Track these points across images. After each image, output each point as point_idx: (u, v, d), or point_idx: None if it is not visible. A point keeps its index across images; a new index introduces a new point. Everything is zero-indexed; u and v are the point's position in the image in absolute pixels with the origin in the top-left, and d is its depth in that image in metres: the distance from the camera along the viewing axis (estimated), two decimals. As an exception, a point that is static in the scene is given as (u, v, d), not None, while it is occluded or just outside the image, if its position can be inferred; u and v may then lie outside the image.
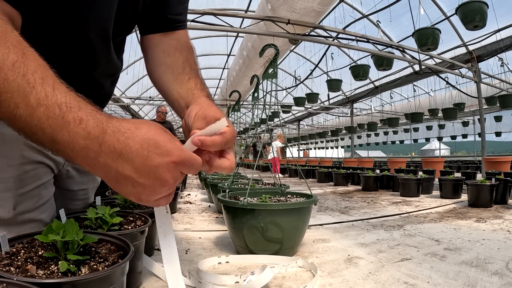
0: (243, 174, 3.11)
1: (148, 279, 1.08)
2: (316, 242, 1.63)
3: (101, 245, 0.76)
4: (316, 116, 16.66)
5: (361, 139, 24.28)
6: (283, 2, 3.93)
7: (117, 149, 0.49)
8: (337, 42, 5.12)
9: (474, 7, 3.82)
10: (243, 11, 6.52)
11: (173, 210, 2.48)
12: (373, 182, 4.29)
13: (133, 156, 0.50)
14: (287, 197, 1.63)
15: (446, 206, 2.88)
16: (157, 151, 0.51)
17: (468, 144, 26.33)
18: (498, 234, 1.80)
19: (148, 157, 0.50)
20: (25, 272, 0.59)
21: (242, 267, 1.22)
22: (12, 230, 0.81)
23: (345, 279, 1.11)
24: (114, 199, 1.30)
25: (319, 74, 9.19)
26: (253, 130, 5.48)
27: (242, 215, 1.31)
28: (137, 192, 0.53)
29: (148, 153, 0.50)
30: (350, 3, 6.61)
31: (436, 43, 4.52)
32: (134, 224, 1.01)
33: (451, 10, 5.57)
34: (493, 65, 7.11)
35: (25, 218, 0.84)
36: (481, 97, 5.69)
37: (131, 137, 0.50)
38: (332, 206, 2.89)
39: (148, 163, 0.50)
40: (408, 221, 2.21)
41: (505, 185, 2.93)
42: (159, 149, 0.51)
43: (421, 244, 1.58)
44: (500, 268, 1.22)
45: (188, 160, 0.54)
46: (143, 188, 0.52)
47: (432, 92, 11.33)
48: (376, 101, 12.90)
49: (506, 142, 20.61)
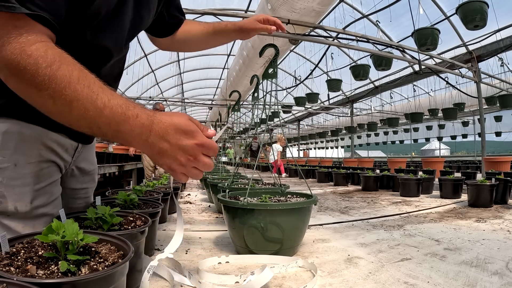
0: (243, 174, 3.11)
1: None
2: (316, 242, 1.63)
3: (101, 245, 0.76)
4: (316, 116, 16.65)
5: (361, 139, 24.28)
6: (283, 2, 3.93)
7: (160, 133, 0.69)
8: (337, 42, 5.12)
9: (475, 6, 3.81)
10: (243, 11, 6.52)
11: (172, 211, 2.48)
12: (373, 182, 4.29)
13: (169, 138, 0.69)
14: (287, 197, 1.63)
15: (446, 206, 2.88)
16: (186, 135, 0.70)
17: (468, 144, 26.33)
18: (498, 234, 1.80)
19: (179, 139, 0.70)
20: (25, 272, 0.59)
21: (242, 267, 1.22)
22: (28, 224, 0.90)
23: (345, 279, 1.11)
24: (114, 199, 1.30)
25: (319, 74, 9.18)
26: (253, 130, 5.49)
27: (242, 215, 1.31)
28: (170, 162, 0.71)
29: (180, 136, 0.70)
30: (350, 3, 6.62)
31: (436, 43, 4.52)
32: (134, 224, 1.01)
33: (451, 10, 5.58)
34: (493, 65, 7.11)
35: (39, 213, 0.92)
36: (481, 97, 5.68)
37: (168, 125, 0.69)
38: (332, 206, 2.89)
39: (179, 143, 0.70)
40: (408, 221, 2.21)
41: (505, 185, 2.93)
42: (187, 134, 0.70)
43: (421, 244, 1.58)
44: (500, 268, 1.22)
45: (207, 143, 0.72)
46: (174, 160, 0.71)
47: (432, 92, 11.33)
48: (376, 101, 12.91)
49: (506, 142, 20.60)
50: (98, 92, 0.67)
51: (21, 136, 0.87)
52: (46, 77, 0.64)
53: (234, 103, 2.98)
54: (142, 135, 0.69)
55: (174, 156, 0.70)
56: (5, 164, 0.85)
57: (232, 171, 3.98)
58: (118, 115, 0.67)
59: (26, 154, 0.88)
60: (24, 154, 0.88)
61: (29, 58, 0.64)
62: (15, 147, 0.86)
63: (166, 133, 0.69)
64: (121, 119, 0.67)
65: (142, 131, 0.69)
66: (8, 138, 0.85)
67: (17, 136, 0.86)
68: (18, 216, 0.88)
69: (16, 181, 0.87)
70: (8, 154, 0.85)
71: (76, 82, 0.65)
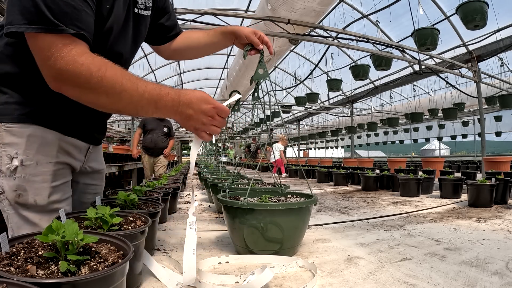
0: (243, 174, 3.11)
1: (148, 279, 1.08)
2: (316, 242, 1.63)
3: (101, 245, 0.76)
4: (316, 116, 16.65)
5: (361, 139, 24.27)
6: (283, 2, 3.93)
7: (186, 103, 0.92)
8: (337, 42, 5.12)
9: (475, 6, 3.81)
10: (243, 11, 6.52)
11: (172, 211, 2.48)
12: (373, 182, 4.29)
13: (193, 105, 0.93)
14: (287, 197, 1.63)
15: (446, 206, 2.88)
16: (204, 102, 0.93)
17: (468, 144, 26.31)
18: (498, 234, 1.80)
19: (201, 105, 0.93)
20: (25, 272, 0.59)
21: (242, 267, 1.22)
22: (44, 216, 1.04)
23: (345, 279, 1.11)
24: (114, 199, 1.30)
25: (319, 74, 9.18)
26: (253, 130, 5.46)
27: (242, 215, 1.31)
28: (195, 124, 0.94)
29: (201, 103, 0.93)
30: (350, 3, 6.62)
31: (435, 43, 4.51)
32: (134, 224, 1.01)
33: (451, 10, 5.58)
34: (493, 65, 7.12)
35: (54, 207, 1.05)
36: (481, 97, 5.68)
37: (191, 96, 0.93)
38: (332, 206, 2.89)
39: (201, 107, 0.93)
40: (408, 221, 2.21)
41: (505, 185, 2.93)
42: (206, 100, 0.93)
43: (421, 244, 1.58)
44: (500, 268, 1.22)
45: (220, 106, 0.95)
46: (197, 121, 0.94)
47: (432, 92, 11.33)
48: (376, 101, 12.90)
49: (506, 142, 20.60)
50: (137, 82, 0.89)
51: (43, 140, 1.02)
52: (99, 78, 0.83)
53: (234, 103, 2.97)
54: (174, 107, 0.92)
55: (197, 118, 0.94)
56: (28, 162, 0.99)
57: (232, 171, 3.98)
58: (154, 95, 0.90)
59: (46, 155, 1.03)
60: (44, 154, 1.02)
61: (82, 66, 0.82)
62: (37, 149, 1.01)
63: (191, 102, 0.93)
64: (157, 98, 0.90)
65: (173, 103, 0.92)
66: (31, 140, 1.00)
67: (39, 139, 1.01)
68: (36, 209, 1.01)
69: (37, 178, 1.01)
70: (31, 154, 1.00)
71: (121, 78, 0.86)
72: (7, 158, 0.98)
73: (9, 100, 0.98)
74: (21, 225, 1.01)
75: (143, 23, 1.19)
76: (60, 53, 0.81)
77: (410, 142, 20.07)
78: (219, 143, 7.63)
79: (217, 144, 7.13)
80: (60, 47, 0.81)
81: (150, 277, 1.10)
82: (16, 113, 0.99)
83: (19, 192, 0.99)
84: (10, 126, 0.98)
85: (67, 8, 0.81)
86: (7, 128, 0.98)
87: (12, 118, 0.98)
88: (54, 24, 0.80)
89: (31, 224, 1.01)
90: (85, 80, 0.82)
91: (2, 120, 0.98)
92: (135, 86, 0.87)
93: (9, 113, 0.98)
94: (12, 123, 0.98)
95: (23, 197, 0.99)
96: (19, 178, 0.98)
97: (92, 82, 0.83)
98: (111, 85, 0.85)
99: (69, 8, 0.82)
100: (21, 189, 0.99)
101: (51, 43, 0.81)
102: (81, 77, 0.82)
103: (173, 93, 0.92)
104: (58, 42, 0.81)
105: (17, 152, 0.98)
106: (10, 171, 0.98)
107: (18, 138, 0.99)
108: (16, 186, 0.98)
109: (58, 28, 0.80)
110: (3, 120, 0.98)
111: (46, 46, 0.81)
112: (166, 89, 0.92)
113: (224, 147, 12.55)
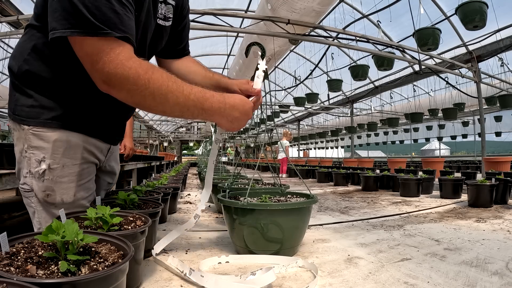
0: (243, 174, 3.10)
1: (148, 279, 1.08)
2: (316, 242, 1.63)
3: (101, 245, 0.76)
4: (316, 116, 16.63)
5: (361, 139, 24.24)
6: (283, 2, 3.93)
7: (231, 105, 1.02)
8: (337, 42, 5.12)
9: (474, 7, 3.81)
10: (243, 11, 6.51)
11: (172, 211, 2.48)
12: (373, 182, 4.29)
13: (238, 107, 1.03)
14: (287, 197, 1.63)
15: (446, 206, 2.88)
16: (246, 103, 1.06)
17: (468, 144, 26.30)
18: (498, 234, 1.80)
19: (243, 106, 1.05)
20: (25, 272, 0.59)
21: (242, 267, 1.22)
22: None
23: (345, 279, 1.11)
24: (114, 199, 1.30)
25: (319, 74, 9.17)
26: (253, 130, 5.45)
27: (242, 215, 1.31)
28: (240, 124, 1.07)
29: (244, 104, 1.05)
30: (350, 3, 6.61)
31: (437, 43, 4.51)
32: (134, 225, 1.01)
33: (451, 10, 5.57)
34: (493, 65, 7.10)
35: (79, 204, 1.12)
36: (481, 97, 5.68)
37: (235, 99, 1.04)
38: (332, 206, 2.89)
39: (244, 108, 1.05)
40: (408, 221, 2.21)
41: (505, 185, 2.93)
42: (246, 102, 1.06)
43: (421, 244, 1.58)
44: (500, 268, 1.22)
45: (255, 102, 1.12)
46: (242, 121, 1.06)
47: (432, 92, 11.31)
48: (376, 101, 12.88)
49: (506, 142, 20.58)
50: (182, 85, 0.94)
51: (68, 143, 1.07)
52: (146, 81, 0.88)
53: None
54: (220, 109, 0.99)
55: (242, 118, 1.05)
56: (55, 165, 1.05)
57: (232, 171, 3.97)
58: (200, 97, 0.96)
59: (71, 158, 1.09)
60: (70, 157, 1.08)
61: (130, 70, 0.86)
62: (63, 152, 1.06)
63: (236, 104, 1.03)
64: (203, 100, 0.96)
65: (220, 105, 0.99)
66: (57, 145, 1.05)
67: (64, 143, 1.06)
68: (63, 206, 1.06)
69: (64, 179, 1.07)
70: (57, 158, 1.06)
71: (167, 81, 0.91)
72: (36, 162, 1.04)
73: (34, 104, 1.03)
74: (49, 220, 1.07)
75: (161, 33, 1.20)
76: (108, 57, 0.84)
77: (410, 142, 20.04)
78: (219, 144, 7.61)
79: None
80: (107, 51, 0.84)
81: (150, 277, 1.10)
82: (42, 117, 1.03)
83: (48, 193, 1.06)
84: (37, 130, 1.03)
85: (110, 13, 0.84)
86: (34, 132, 1.03)
87: (39, 122, 1.03)
88: (99, 28, 0.82)
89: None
90: (133, 83, 0.87)
91: (30, 123, 1.03)
92: (181, 88, 0.93)
93: (35, 116, 1.03)
94: (38, 127, 1.03)
95: (51, 196, 1.06)
96: (47, 180, 1.05)
97: (139, 85, 0.87)
98: (157, 87, 0.89)
99: (112, 13, 0.84)
100: (49, 189, 1.05)
101: (98, 47, 0.84)
102: (129, 80, 0.86)
103: (217, 95, 0.99)
104: (105, 47, 0.84)
105: (44, 156, 1.04)
106: (39, 174, 1.04)
107: (45, 142, 1.04)
108: (44, 187, 1.05)
109: (104, 31, 0.83)
110: (30, 123, 1.03)
111: (94, 51, 0.84)
112: (210, 92, 0.99)
113: (224, 147, 12.55)
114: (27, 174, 1.05)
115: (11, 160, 2.15)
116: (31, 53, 1.02)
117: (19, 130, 1.05)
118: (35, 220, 1.09)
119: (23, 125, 1.03)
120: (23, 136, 1.04)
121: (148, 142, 19.94)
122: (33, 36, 1.03)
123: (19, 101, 1.04)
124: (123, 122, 1.33)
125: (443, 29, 4.79)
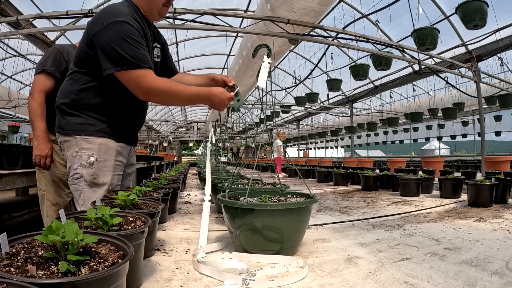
0: (243, 174, 3.10)
1: (148, 279, 1.08)
2: (316, 242, 1.63)
3: (101, 246, 0.76)
4: (316, 116, 16.63)
5: (361, 139, 24.23)
6: (283, 2, 3.92)
7: (214, 95, 1.49)
8: (337, 42, 5.11)
9: (474, 6, 3.81)
10: (242, 11, 6.51)
11: (172, 211, 2.48)
12: (373, 182, 4.29)
13: (217, 96, 1.49)
14: (287, 197, 1.63)
15: (446, 206, 2.88)
16: (224, 93, 1.50)
17: (468, 143, 26.27)
18: (498, 233, 1.80)
19: (221, 96, 1.49)
20: (25, 273, 0.59)
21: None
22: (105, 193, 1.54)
23: (345, 279, 1.11)
24: (114, 199, 1.30)
25: (318, 74, 9.17)
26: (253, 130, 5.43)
27: (242, 215, 1.31)
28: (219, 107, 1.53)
29: (222, 95, 1.49)
30: (350, 3, 6.61)
31: (435, 43, 4.51)
32: (134, 225, 1.01)
33: (451, 10, 5.57)
34: (492, 64, 7.10)
35: (112, 187, 1.58)
36: (481, 97, 5.68)
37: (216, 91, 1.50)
38: (332, 206, 2.89)
39: (222, 97, 1.49)
40: (408, 220, 2.21)
41: (505, 184, 2.93)
42: (224, 93, 1.50)
43: (421, 244, 1.58)
44: (500, 267, 1.22)
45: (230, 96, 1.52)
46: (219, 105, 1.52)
47: (431, 91, 11.31)
48: (375, 101, 12.87)
49: (506, 141, 20.57)
50: (186, 87, 1.50)
51: (107, 146, 1.56)
52: (167, 88, 1.44)
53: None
54: (208, 97, 1.49)
55: (221, 104, 1.51)
56: (100, 159, 1.53)
57: (231, 171, 3.97)
58: (197, 93, 1.48)
59: (109, 155, 1.57)
60: (108, 154, 1.56)
61: (158, 84, 1.43)
62: (105, 151, 1.55)
63: (216, 94, 1.48)
64: (197, 93, 1.48)
65: (207, 96, 1.49)
66: (101, 147, 1.54)
67: (105, 146, 1.55)
68: (104, 187, 1.54)
69: (105, 168, 1.55)
70: (101, 154, 1.54)
71: (179, 86, 1.48)
72: (87, 156, 1.52)
73: (84, 122, 1.53)
74: (92, 197, 1.47)
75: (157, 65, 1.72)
76: (146, 79, 1.41)
77: (410, 142, 20.03)
78: (219, 143, 7.62)
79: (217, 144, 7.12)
80: (144, 75, 1.41)
81: (150, 277, 1.10)
82: (91, 129, 1.53)
83: (94, 176, 1.52)
84: (87, 138, 1.52)
85: (141, 55, 1.41)
86: (85, 139, 1.52)
87: (88, 133, 1.52)
88: (137, 64, 1.39)
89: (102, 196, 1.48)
90: (162, 91, 1.43)
91: (82, 134, 1.52)
92: (187, 89, 1.48)
93: (85, 129, 1.52)
94: (88, 136, 1.52)
95: (96, 179, 1.53)
96: (95, 168, 1.53)
97: (165, 91, 1.44)
98: (174, 90, 1.45)
99: (142, 56, 1.41)
100: (95, 175, 1.52)
101: (139, 74, 1.40)
102: (159, 90, 1.43)
103: (206, 90, 1.50)
104: (142, 73, 1.40)
105: (92, 153, 1.52)
106: (90, 163, 1.52)
107: (92, 145, 1.52)
108: (92, 173, 1.52)
109: (142, 65, 1.40)
110: (82, 134, 1.52)
111: (136, 77, 1.40)
112: (201, 88, 1.51)
113: (224, 147, 12.53)
114: (78, 167, 1.51)
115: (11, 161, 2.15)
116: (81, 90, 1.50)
117: (72, 139, 1.52)
118: (80, 200, 1.52)
119: (76, 136, 1.51)
120: (75, 143, 1.52)
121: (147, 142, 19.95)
122: (80, 79, 1.51)
123: (70, 121, 1.52)
124: (138, 130, 1.82)
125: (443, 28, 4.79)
